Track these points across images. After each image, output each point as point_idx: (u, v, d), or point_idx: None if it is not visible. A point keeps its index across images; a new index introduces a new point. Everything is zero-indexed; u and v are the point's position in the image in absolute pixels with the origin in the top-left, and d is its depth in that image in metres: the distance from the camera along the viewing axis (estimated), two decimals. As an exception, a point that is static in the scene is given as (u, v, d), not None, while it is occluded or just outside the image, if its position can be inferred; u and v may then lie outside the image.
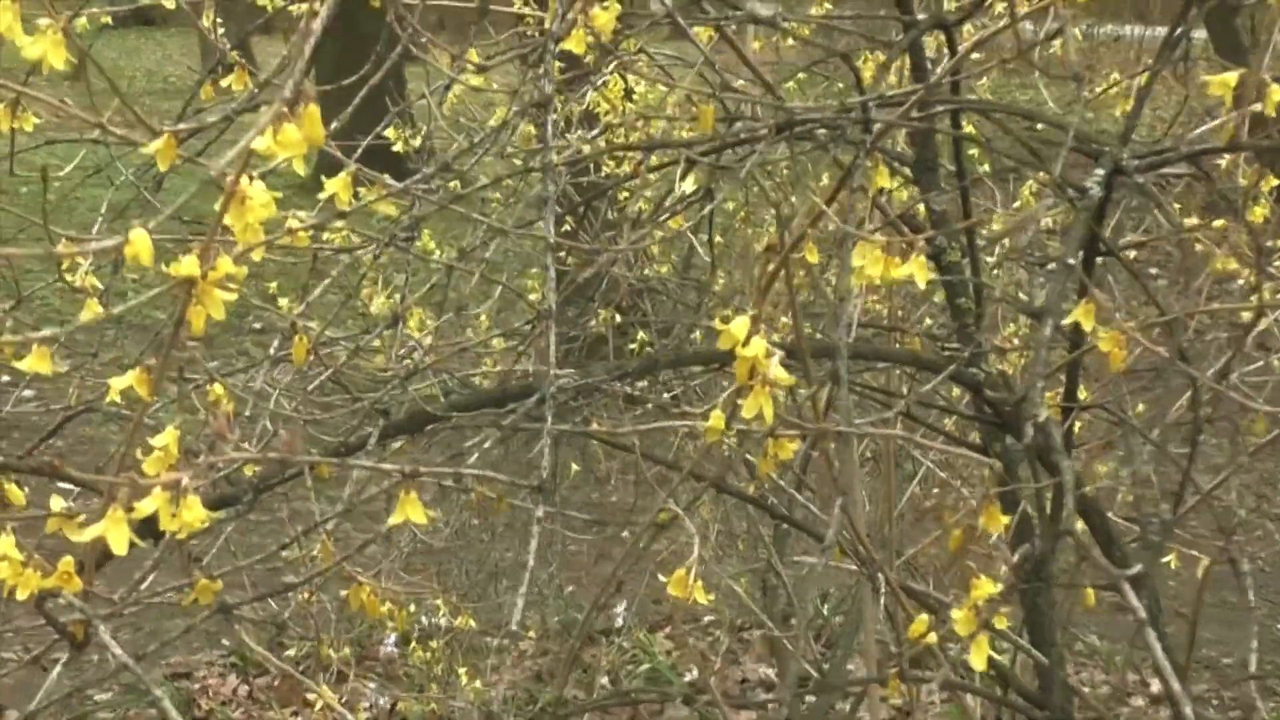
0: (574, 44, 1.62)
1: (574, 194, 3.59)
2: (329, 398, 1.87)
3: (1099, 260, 2.31)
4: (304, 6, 1.51)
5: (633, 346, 4.32)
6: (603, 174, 3.70)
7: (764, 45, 3.63)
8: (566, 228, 3.48)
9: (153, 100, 17.02)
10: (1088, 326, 1.69)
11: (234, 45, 2.81)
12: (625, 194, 3.25)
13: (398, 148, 4.76)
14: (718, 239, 3.05)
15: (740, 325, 1.45)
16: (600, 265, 2.86)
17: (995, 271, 3.32)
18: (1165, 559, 3.20)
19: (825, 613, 5.35)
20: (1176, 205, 3.13)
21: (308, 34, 1.30)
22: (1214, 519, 3.03)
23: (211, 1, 2.99)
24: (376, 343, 2.24)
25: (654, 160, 2.41)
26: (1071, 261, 1.58)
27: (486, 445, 2.82)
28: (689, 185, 2.08)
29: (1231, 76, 1.84)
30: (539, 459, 1.50)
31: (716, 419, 1.50)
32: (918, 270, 1.59)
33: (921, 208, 2.76)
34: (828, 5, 4.14)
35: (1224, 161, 2.27)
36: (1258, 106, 1.90)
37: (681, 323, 3.73)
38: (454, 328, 4.87)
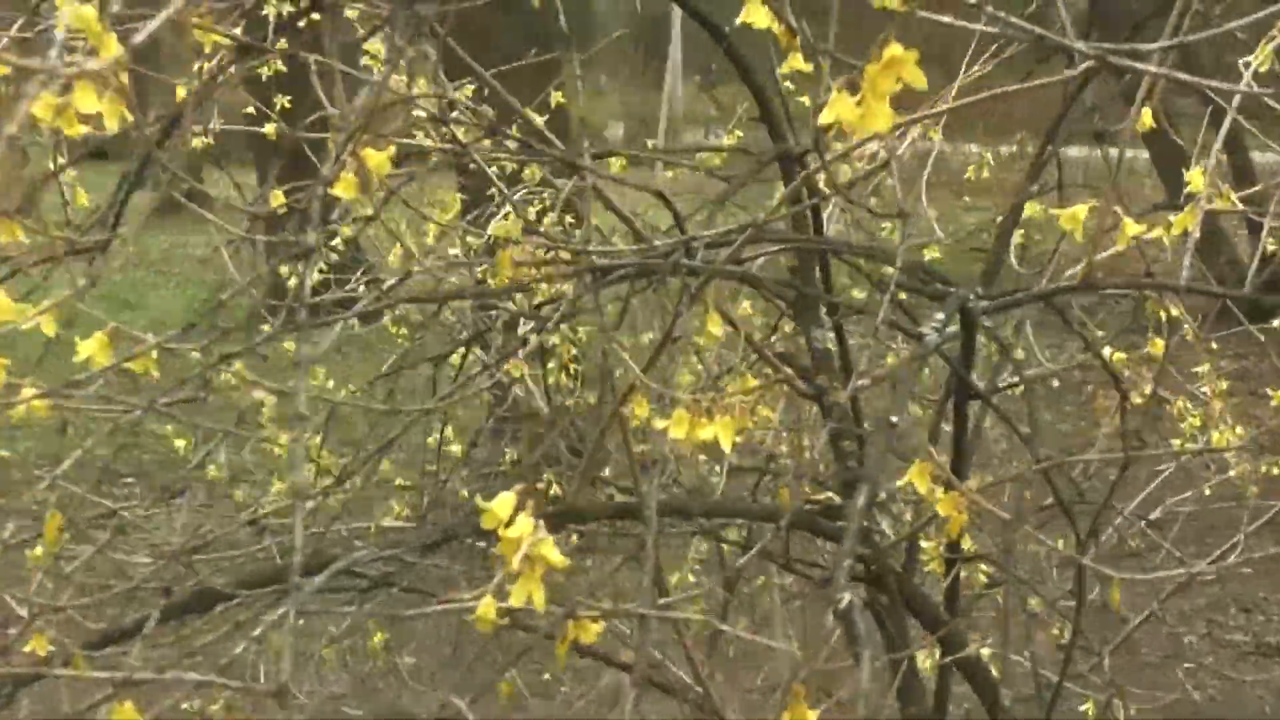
0: (344, 188, 1.47)
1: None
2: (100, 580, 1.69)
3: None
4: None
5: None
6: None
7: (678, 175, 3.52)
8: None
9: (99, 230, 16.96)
10: (922, 489, 1.54)
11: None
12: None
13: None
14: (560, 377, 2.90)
15: (504, 502, 1.28)
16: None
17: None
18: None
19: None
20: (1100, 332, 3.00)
21: None
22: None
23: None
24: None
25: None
26: (895, 420, 1.42)
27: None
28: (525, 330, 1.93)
29: (1080, 209, 1.71)
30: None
31: (486, 607, 1.33)
32: (722, 432, 1.43)
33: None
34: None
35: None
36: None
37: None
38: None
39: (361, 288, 4.16)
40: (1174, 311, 2.88)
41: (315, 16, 2.30)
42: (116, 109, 1.51)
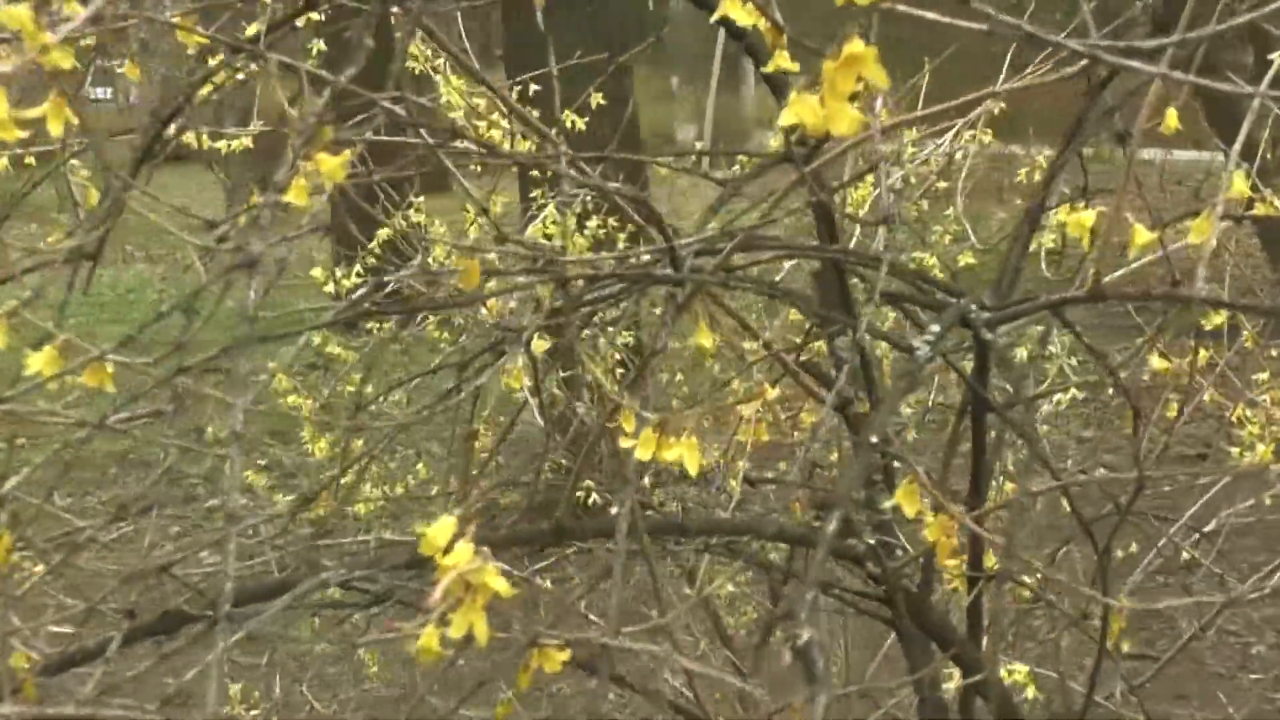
0: (295, 194, 1.40)
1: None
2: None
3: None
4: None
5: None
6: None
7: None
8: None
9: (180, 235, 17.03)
10: (909, 511, 1.45)
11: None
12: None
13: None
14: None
15: (442, 528, 1.21)
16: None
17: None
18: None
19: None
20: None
21: None
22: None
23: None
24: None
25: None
26: (875, 439, 1.33)
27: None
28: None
29: (1088, 216, 1.61)
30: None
31: (429, 638, 1.25)
32: (687, 453, 1.35)
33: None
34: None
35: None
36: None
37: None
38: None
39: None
40: (1219, 319, 2.77)
41: (312, 16, 2.25)
42: (60, 112, 1.46)
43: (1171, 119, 1.92)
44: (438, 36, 2.14)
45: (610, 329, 3.55)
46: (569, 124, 4.60)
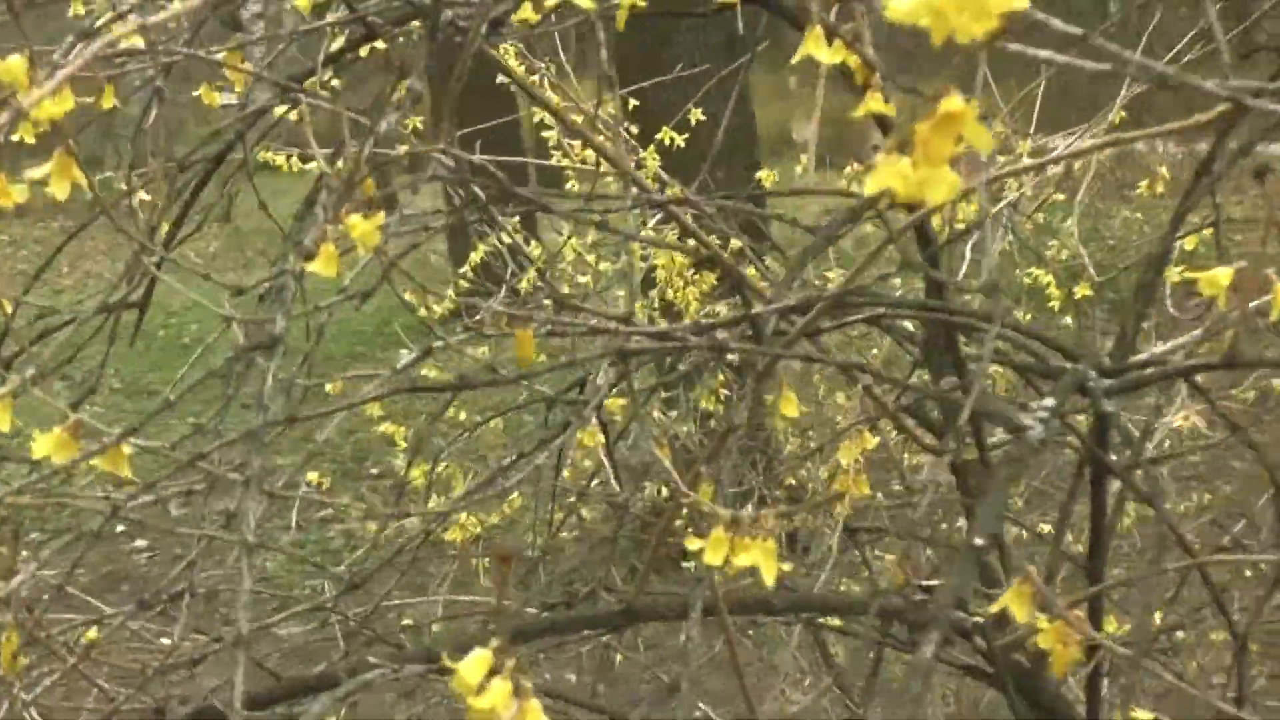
0: (322, 264, 1.25)
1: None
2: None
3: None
4: None
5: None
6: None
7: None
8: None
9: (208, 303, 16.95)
10: (1020, 617, 1.27)
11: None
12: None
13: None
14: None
15: (474, 665, 1.05)
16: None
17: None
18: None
19: None
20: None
21: None
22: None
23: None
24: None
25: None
26: (979, 543, 1.15)
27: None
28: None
29: (1224, 273, 1.41)
30: None
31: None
32: (763, 559, 1.19)
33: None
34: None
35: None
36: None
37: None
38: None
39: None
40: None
41: (378, 44, 2.11)
42: (67, 172, 1.33)
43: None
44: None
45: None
46: (669, 141, 4.44)
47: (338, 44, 2.08)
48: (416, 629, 2.98)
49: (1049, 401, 1.38)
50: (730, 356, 1.44)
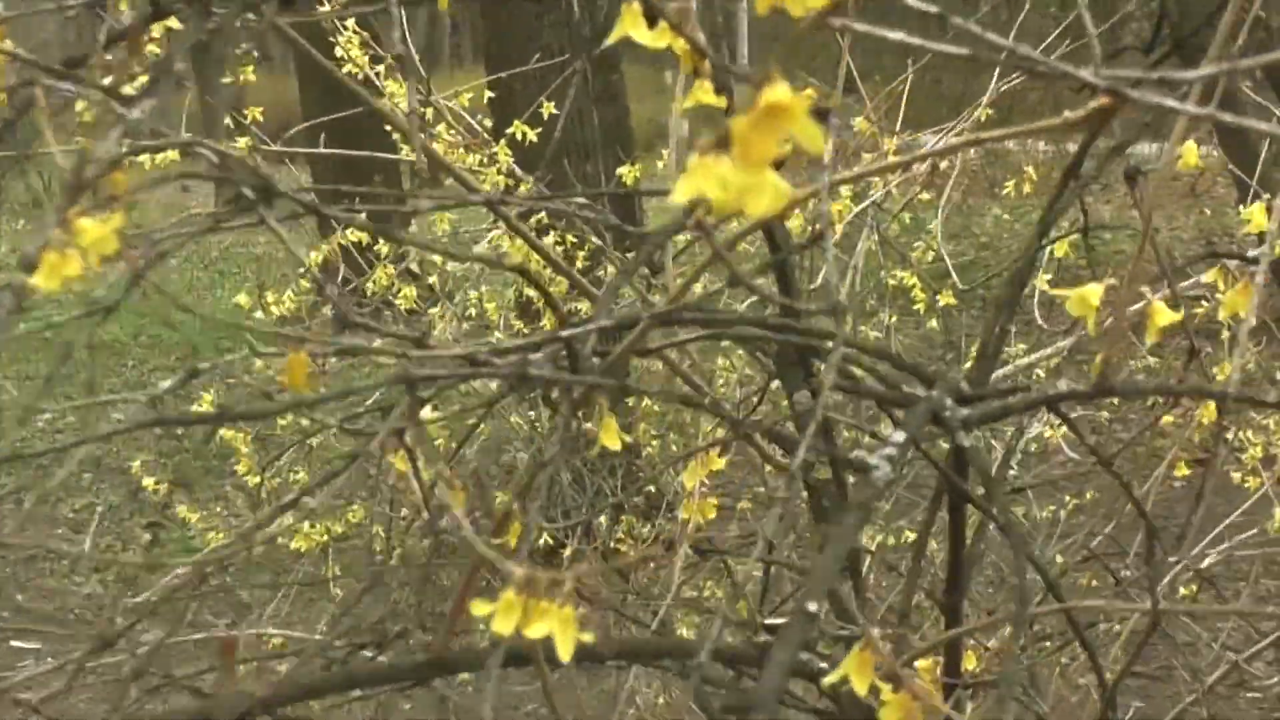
0: (45, 276, 1.05)
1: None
2: None
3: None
4: None
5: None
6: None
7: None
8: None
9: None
10: (860, 688, 1.10)
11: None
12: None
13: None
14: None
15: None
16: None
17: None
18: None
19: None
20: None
21: None
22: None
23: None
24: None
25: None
26: (812, 609, 0.99)
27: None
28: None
29: (1094, 290, 1.26)
30: None
31: None
32: (559, 628, 1.01)
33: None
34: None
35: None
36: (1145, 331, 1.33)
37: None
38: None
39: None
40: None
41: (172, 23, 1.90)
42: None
43: (1191, 155, 1.58)
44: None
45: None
46: (520, 136, 4.26)
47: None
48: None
49: (897, 437, 1.21)
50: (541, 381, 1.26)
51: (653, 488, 4.59)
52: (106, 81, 1.39)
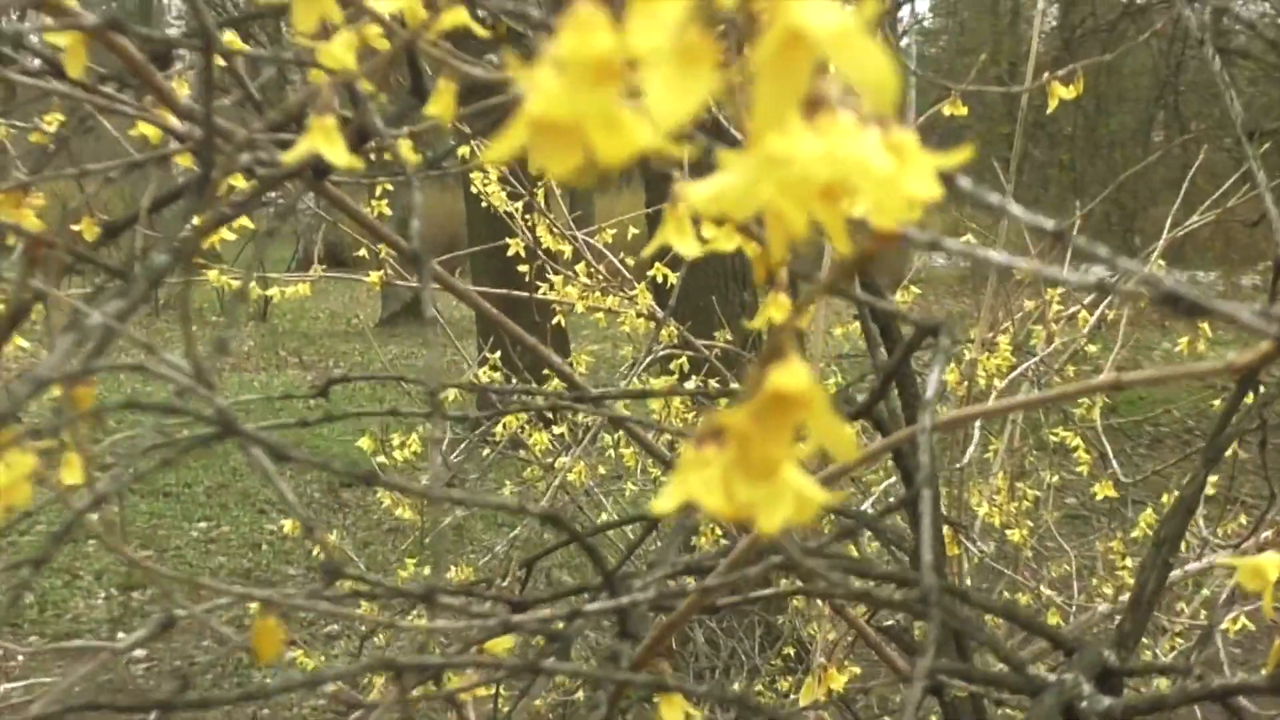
0: None
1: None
2: None
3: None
4: None
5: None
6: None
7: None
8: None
9: (332, 341, 16.68)
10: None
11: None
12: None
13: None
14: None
15: None
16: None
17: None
18: None
19: None
20: None
21: None
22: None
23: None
24: None
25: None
26: None
27: None
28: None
29: (1272, 563, 0.99)
30: None
31: None
32: None
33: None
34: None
35: None
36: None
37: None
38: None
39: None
40: None
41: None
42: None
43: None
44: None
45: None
46: (662, 278, 4.08)
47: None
48: None
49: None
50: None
51: (791, 649, 4.33)
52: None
